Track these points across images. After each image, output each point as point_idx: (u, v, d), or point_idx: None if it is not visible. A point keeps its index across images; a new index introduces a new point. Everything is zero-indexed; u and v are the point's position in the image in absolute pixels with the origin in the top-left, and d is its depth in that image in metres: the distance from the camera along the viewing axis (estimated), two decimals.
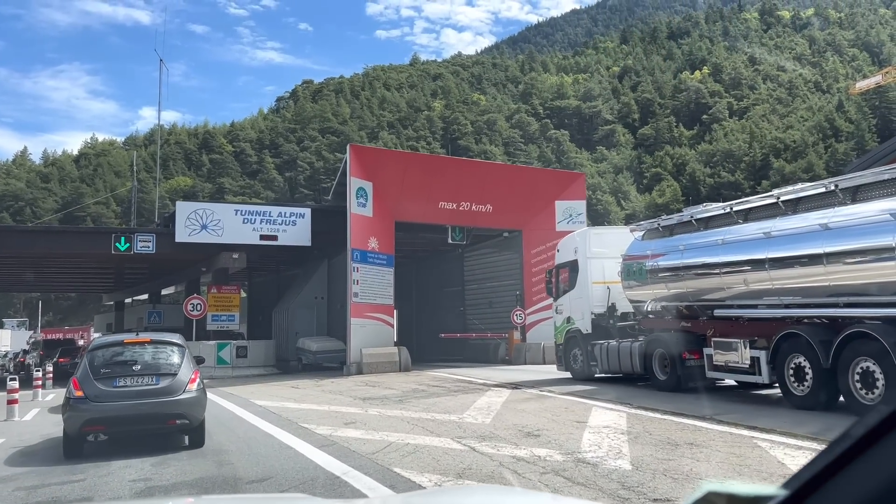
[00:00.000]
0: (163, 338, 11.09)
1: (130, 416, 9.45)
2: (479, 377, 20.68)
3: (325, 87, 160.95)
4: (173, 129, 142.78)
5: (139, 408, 9.48)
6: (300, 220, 29.06)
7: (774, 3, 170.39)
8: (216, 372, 26.75)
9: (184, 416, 9.74)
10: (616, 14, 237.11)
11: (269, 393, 18.53)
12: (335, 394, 17.30)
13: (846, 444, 0.84)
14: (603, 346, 16.95)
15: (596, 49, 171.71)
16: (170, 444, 10.16)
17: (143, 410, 9.49)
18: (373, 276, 25.60)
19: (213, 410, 14.46)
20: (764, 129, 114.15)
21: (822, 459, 0.85)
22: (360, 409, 13.71)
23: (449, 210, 27.79)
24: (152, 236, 28.20)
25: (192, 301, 28.14)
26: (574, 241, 19.19)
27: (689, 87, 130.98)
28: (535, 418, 11.26)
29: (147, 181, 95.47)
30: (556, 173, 33.52)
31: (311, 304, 32.98)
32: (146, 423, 9.68)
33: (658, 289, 14.97)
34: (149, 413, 9.54)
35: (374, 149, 28.94)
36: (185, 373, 10.02)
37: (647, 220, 18.30)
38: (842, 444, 0.84)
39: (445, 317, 34.38)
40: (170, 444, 10.16)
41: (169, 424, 9.79)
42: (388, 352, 24.67)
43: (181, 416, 9.72)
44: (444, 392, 16.44)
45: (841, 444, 0.84)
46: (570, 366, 18.66)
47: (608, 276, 17.48)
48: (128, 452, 9.60)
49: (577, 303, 18.40)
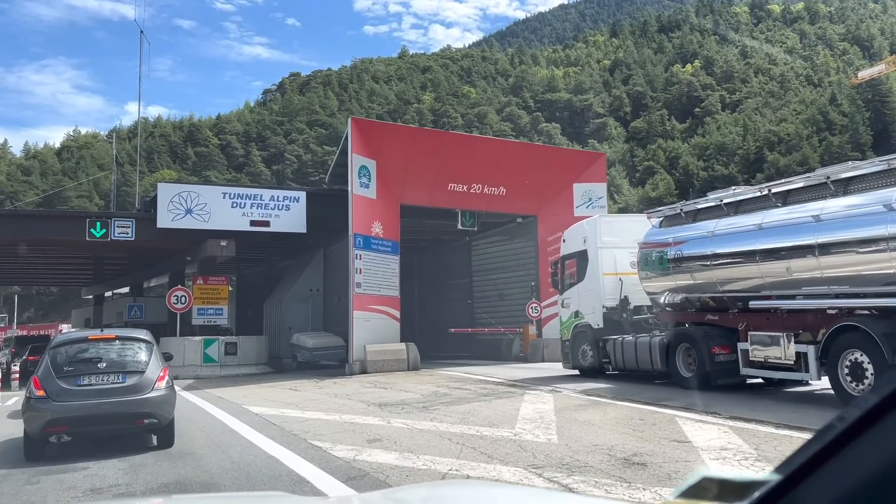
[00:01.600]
0: (129, 334, 10.67)
1: (95, 416, 9.07)
2: (500, 376, 18.38)
3: (313, 79, 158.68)
4: (158, 122, 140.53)
5: (104, 407, 9.09)
6: (294, 204, 26.50)
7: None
8: (202, 371, 24.19)
9: (152, 416, 9.37)
10: (604, 9, 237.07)
11: (264, 396, 16.00)
12: (342, 398, 14.81)
13: (839, 428, 0.82)
14: (617, 342, 15.82)
15: (586, 42, 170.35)
16: (138, 445, 9.66)
17: (109, 410, 9.11)
18: (377, 264, 23.09)
19: (199, 421, 11.96)
20: (757, 123, 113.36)
21: (815, 444, 0.84)
22: (379, 418, 11.22)
23: (459, 193, 25.30)
24: (131, 222, 25.58)
25: (175, 293, 25.53)
26: (583, 229, 17.97)
27: (681, 80, 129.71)
28: (613, 435, 8.83)
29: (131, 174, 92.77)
30: (575, 153, 31.06)
31: (306, 297, 30.44)
32: (112, 422, 9.32)
33: (682, 279, 14.03)
34: (115, 412, 9.17)
35: (378, 122, 26.47)
36: (152, 370, 9.64)
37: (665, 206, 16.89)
38: (834, 429, 0.83)
39: (451, 310, 31.88)
40: (138, 445, 9.66)
41: (136, 424, 9.43)
42: (394, 349, 22.17)
43: (149, 415, 9.36)
44: (472, 396, 13.98)
45: (834, 428, 0.83)
46: (578, 363, 17.51)
47: (620, 266, 16.59)
48: (93, 454, 9.08)
49: (587, 296, 17.32)
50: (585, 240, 17.63)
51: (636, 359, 15.27)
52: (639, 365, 15.23)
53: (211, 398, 16.28)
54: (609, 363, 16.31)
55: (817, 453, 0.85)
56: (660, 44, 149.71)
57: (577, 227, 18.77)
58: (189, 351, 24.41)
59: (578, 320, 17.72)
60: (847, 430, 0.83)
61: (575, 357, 17.69)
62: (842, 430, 0.83)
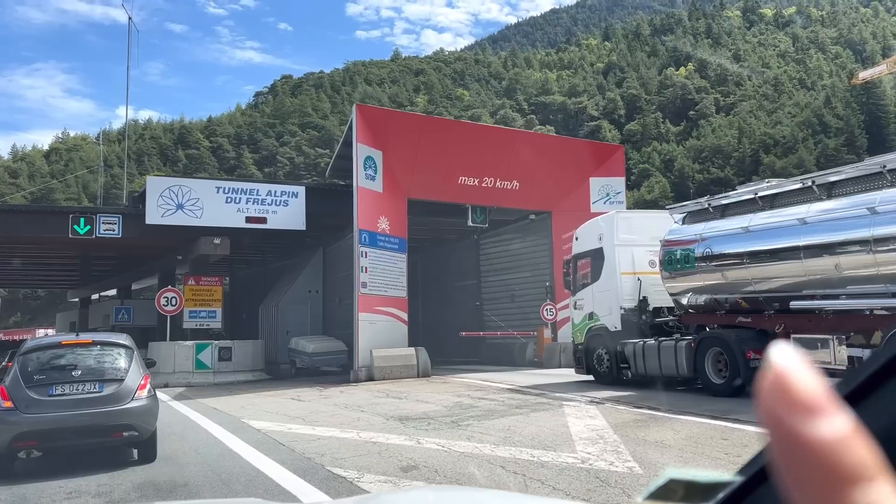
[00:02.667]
0: (107, 338, 9.88)
1: (69, 429, 8.33)
2: (521, 384, 16.85)
3: (305, 81, 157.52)
4: (148, 124, 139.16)
5: (79, 419, 8.35)
6: (293, 200, 24.82)
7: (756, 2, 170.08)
8: (195, 378, 22.44)
9: (132, 428, 8.62)
10: (595, 13, 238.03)
11: (265, 408, 14.28)
12: (354, 410, 13.13)
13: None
14: (637, 346, 14.94)
15: (579, 46, 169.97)
16: (118, 461, 8.85)
17: (85, 422, 8.37)
18: (384, 262, 21.42)
19: (193, 438, 10.27)
20: (752, 125, 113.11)
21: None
22: (405, 437, 9.55)
23: (470, 187, 23.65)
24: (118, 218, 23.83)
25: (165, 294, 23.76)
26: (598, 226, 17.06)
27: (675, 82, 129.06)
28: (705, 460, 7.23)
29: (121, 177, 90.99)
30: (592, 144, 29.32)
31: (304, 299, 28.72)
32: (88, 436, 8.54)
33: (711, 278, 13.36)
34: (91, 424, 8.42)
35: (385, 110, 24.82)
36: (132, 378, 8.85)
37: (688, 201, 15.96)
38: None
39: (457, 313, 30.18)
40: (118, 461, 8.85)
41: (115, 437, 8.65)
42: (403, 354, 20.47)
43: (129, 427, 8.61)
44: (503, 409, 12.32)
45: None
46: (593, 368, 16.58)
47: (638, 265, 15.78)
48: (67, 471, 8.36)
49: (603, 297, 16.42)
50: (601, 237, 16.62)
51: (659, 364, 14.33)
52: (662, 371, 14.28)
53: (205, 410, 14.55)
54: (628, 368, 15.36)
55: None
56: (653, 47, 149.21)
57: (592, 223, 17.75)
58: (180, 356, 22.67)
59: (593, 323, 16.77)
60: None
61: (589, 362, 16.70)
62: None
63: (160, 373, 22.10)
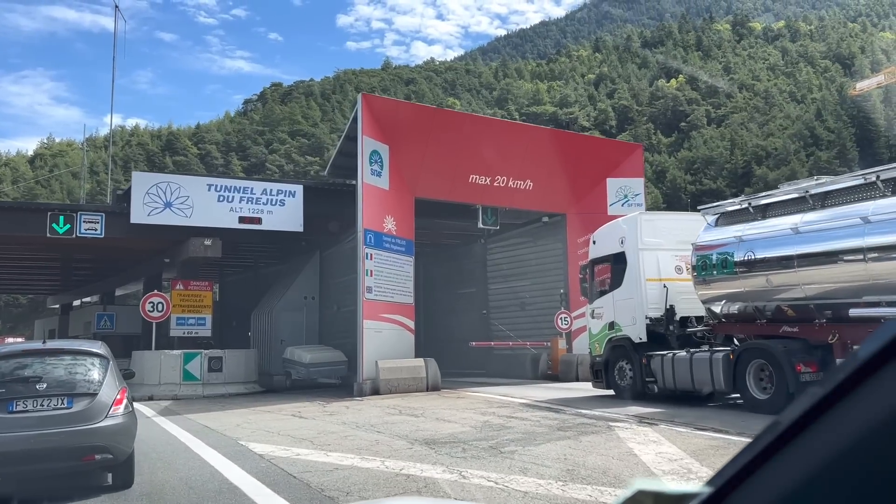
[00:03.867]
0: (78, 346, 8.53)
1: (31, 452, 7.08)
2: (544, 399, 15.43)
3: (295, 90, 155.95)
4: (135, 131, 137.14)
5: (44, 440, 7.13)
6: (290, 199, 23.21)
7: (746, 15, 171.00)
8: (182, 390, 20.64)
9: (106, 450, 7.40)
10: (584, 26, 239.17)
11: (264, 427, 12.53)
12: (368, 430, 11.42)
13: (769, 438, 0.83)
14: (666, 358, 13.93)
15: (569, 57, 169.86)
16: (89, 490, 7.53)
17: (50, 443, 7.15)
18: (389, 266, 19.76)
19: (183, 467, 8.55)
20: (744, 137, 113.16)
21: (745, 455, 0.85)
22: (442, 468, 7.87)
23: (481, 186, 22.05)
24: (100, 216, 22.09)
25: (151, 299, 21.93)
26: (619, 229, 15.90)
27: (666, 94, 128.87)
28: None
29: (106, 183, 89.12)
30: (609, 143, 27.74)
31: (300, 306, 26.96)
32: (54, 460, 7.23)
33: (753, 283, 12.35)
34: (58, 447, 7.18)
35: (392, 101, 23.17)
36: (107, 392, 7.67)
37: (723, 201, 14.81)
38: (764, 439, 0.84)
39: (462, 322, 28.49)
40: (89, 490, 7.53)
41: (85, 461, 7.37)
42: (411, 365, 18.77)
43: (103, 448, 7.39)
44: (544, 430, 10.65)
45: (764, 438, 0.84)
46: (613, 382, 15.44)
47: (664, 271, 14.77)
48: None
49: (625, 305, 15.28)
50: (623, 240, 15.49)
51: (691, 378, 13.30)
52: (695, 385, 13.28)
53: (195, 428, 12.79)
54: (654, 383, 14.31)
55: (747, 464, 0.85)
56: (644, 59, 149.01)
57: (612, 226, 16.58)
58: (166, 367, 20.86)
59: (614, 333, 15.57)
60: (775, 441, 0.82)
61: (609, 375, 15.53)
62: (772, 440, 0.83)
63: (144, 384, 20.32)
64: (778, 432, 0.83)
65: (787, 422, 0.83)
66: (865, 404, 0.75)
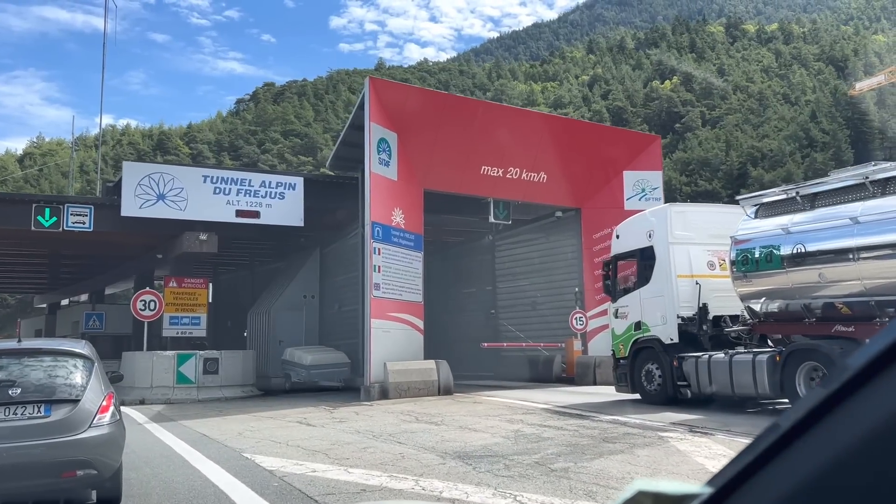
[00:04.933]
0: (58, 346, 7.32)
1: (2, 469, 5.94)
2: (571, 405, 14.35)
3: (288, 89, 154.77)
4: (126, 130, 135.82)
5: (17, 454, 6.05)
6: (290, 192, 22.00)
7: (739, 18, 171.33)
8: (175, 394, 19.37)
9: (89, 465, 6.30)
10: (577, 28, 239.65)
11: (269, 436, 11.28)
12: (386, 440, 10.21)
13: (771, 438, 0.83)
14: (701, 361, 12.98)
15: (563, 58, 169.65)
16: None
17: (24, 458, 6.10)
18: (398, 261, 18.55)
19: (185, 487, 7.35)
20: (739, 138, 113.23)
21: (747, 455, 0.85)
22: (490, 490, 6.67)
23: (493, 178, 20.85)
24: (89, 209, 20.82)
25: (143, 297, 20.64)
26: (647, 222, 14.91)
27: (661, 95, 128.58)
28: None
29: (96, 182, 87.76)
30: (626, 133, 26.43)
31: (299, 305, 25.68)
32: (28, 477, 6.15)
33: (803, 278, 11.42)
34: (33, 462, 6.12)
35: (401, 85, 21.89)
36: (91, 397, 6.60)
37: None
38: (766, 439, 0.83)
39: (468, 322, 27.27)
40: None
41: (65, 478, 6.30)
42: (422, 367, 17.55)
43: (86, 463, 6.30)
44: (589, 442, 9.46)
45: (766, 439, 0.84)
46: (639, 386, 14.38)
47: (696, 267, 13.86)
48: None
49: (654, 303, 14.26)
50: (651, 234, 14.53)
51: (731, 382, 12.34)
52: (734, 390, 12.35)
53: (192, 437, 11.54)
54: (687, 386, 13.34)
55: (748, 465, 0.84)
56: (638, 60, 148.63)
57: (639, 218, 15.58)
58: (159, 369, 19.58)
59: (641, 333, 14.54)
60: (777, 442, 0.82)
61: (636, 378, 14.47)
62: (774, 441, 0.82)
63: (136, 387, 19.07)
64: (780, 433, 0.82)
65: (788, 423, 0.81)
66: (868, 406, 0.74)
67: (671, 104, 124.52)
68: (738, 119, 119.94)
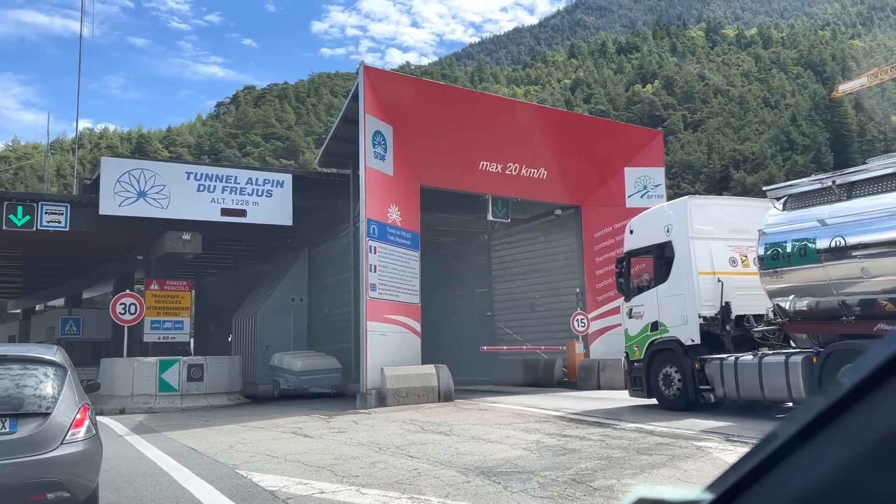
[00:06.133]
0: (27, 352, 6.44)
1: None
2: (583, 411, 13.41)
3: (269, 92, 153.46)
4: (104, 133, 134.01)
5: None
6: (278, 190, 21.01)
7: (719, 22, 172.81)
8: (158, 402, 18.28)
9: (62, 486, 5.55)
10: (558, 33, 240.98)
11: (264, 449, 10.27)
12: (395, 453, 9.25)
13: (773, 445, 0.83)
14: (726, 363, 12.15)
15: (545, 62, 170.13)
16: None
17: None
18: (395, 261, 17.60)
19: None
20: (721, 142, 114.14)
21: (749, 461, 0.84)
22: None
23: (492, 174, 19.98)
24: (65, 207, 19.71)
25: (123, 300, 19.50)
26: (665, 216, 14.15)
27: (643, 98, 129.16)
28: None
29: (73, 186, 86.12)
30: (627, 129, 25.54)
31: (287, 309, 24.66)
32: None
33: (841, 273, 10.56)
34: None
35: (397, 75, 20.76)
36: (64, 410, 5.83)
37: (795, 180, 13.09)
38: (769, 446, 0.83)
39: (464, 325, 26.35)
40: None
41: (34, 501, 5.47)
42: (422, 373, 16.58)
43: (57, 485, 5.54)
44: (622, 455, 8.56)
45: (768, 445, 0.83)
46: (656, 389, 13.57)
47: (718, 264, 13.13)
48: None
49: (673, 302, 13.46)
50: (669, 229, 13.72)
51: (761, 385, 11.54)
52: (765, 394, 11.57)
53: (179, 451, 10.50)
54: (710, 391, 12.50)
55: (752, 470, 0.83)
56: (619, 64, 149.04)
57: (655, 212, 14.91)
58: (140, 376, 18.48)
59: (657, 334, 13.74)
60: (782, 447, 0.81)
61: (653, 382, 13.69)
62: (777, 447, 0.82)
63: (115, 395, 17.98)
64: (780, 442, 0.81)
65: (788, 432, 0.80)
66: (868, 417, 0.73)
67: (653, 107, 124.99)
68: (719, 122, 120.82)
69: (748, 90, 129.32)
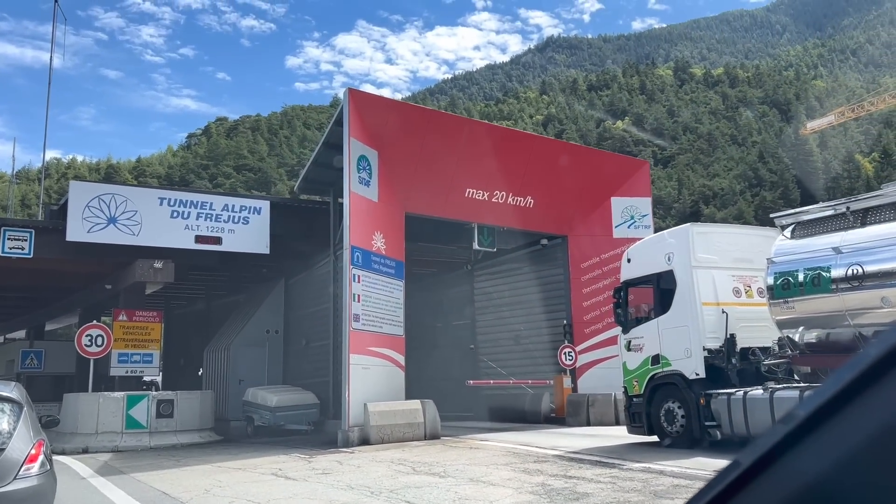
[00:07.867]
0: None
1: None
2: (581, 449, 12.72)
3: (241, 124, 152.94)
4: (72, 163, 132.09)
5: None
6: (255, 217, 20.24)
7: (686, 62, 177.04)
8: (125, 441, 17.20)
9: None
10: (530, 70, 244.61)
11: (243, 494, 9.37)
12: (388, 499, 8.44)
13: (733, 473, 0.82)
14: (734, 399, 11.53)
15: (517, 98, 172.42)
16: None
17: None
18: (378, 290, 16.83)
19: None
20: (690, 178, 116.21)
21: (708, 491, 0.83)
22: None
23: (478, 201, 19.38)
24: (29, 233, 18.70)
25: (89, 332, 18.48)
26: (665, 244, 13.63)
27: (614, 134, 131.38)
28: None
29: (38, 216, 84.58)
30: (613, 157, 24.96)
31: (262, 341, 23.66)
32: None
33: (858, 302, 10.22)
34: None
35: (382, 98, 20.17)
36: (18, 446, 5.89)
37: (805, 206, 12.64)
38: (729, 474, 0.82)
39: (445, 358, 25.49)
40: None
41: None
42: (407, 409, 15.73)
43: None
44: (639, 498, 7.85)
45: (728, 473, 0.83)
46: (658, 426, 12.96)
47: (722, 294, 12.63)
48: None
49: (675, 334, 12.85)
50: (670, 257, 13.17)
51: (773, 422, 10.48)
52: None
53: (149, 497, 9.57)
54: (717, 427, 11.86)
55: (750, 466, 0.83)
56: (590, 101, 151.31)
57: (655, 240, 14.44)
58: (106, 412, 17.40)
59: (658, 368, 13.10)
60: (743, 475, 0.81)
61: (654, 418, 13.06)
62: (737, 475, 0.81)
63: (78, 433, 16.87)
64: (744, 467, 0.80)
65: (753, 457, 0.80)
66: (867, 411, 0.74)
67: (624, 143, 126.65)
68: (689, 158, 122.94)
69: (716, 127, 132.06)
